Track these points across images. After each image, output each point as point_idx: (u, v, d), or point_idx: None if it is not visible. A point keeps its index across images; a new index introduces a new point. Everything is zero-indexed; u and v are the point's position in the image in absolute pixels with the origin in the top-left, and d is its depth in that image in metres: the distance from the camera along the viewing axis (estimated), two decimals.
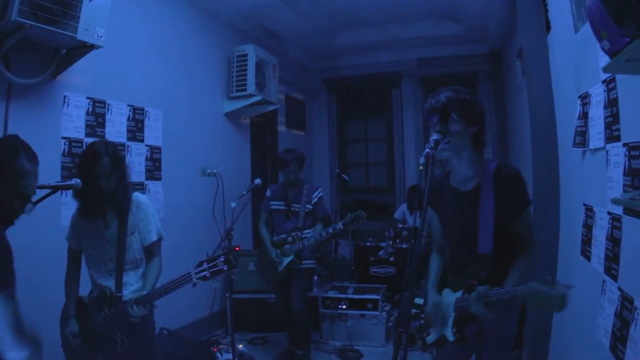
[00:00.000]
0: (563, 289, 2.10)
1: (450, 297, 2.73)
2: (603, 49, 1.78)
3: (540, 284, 2.17)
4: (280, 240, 5.22)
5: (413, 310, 2.92)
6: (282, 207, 5.30)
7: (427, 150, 2.27)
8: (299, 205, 5.24)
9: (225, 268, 3.00)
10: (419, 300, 2.98)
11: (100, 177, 3.07)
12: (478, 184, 2.65)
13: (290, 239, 5.15)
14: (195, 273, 3.03)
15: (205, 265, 3.03)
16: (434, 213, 2.93)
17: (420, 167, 2.20)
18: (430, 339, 2.82)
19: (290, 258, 5.10)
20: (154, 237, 3.35)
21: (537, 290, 2.17)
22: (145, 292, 3.12)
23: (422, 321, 2.87)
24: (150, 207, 3.40)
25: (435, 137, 2.41)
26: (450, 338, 2.67)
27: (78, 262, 3.35)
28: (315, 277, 6.33)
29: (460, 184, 2.74)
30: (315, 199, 5.27)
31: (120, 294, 3.16)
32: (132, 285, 3.24)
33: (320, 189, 5.40)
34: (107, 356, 3.13)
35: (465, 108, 2.58)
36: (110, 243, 3.20)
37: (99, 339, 3.11)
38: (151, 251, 3.36)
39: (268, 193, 5.45)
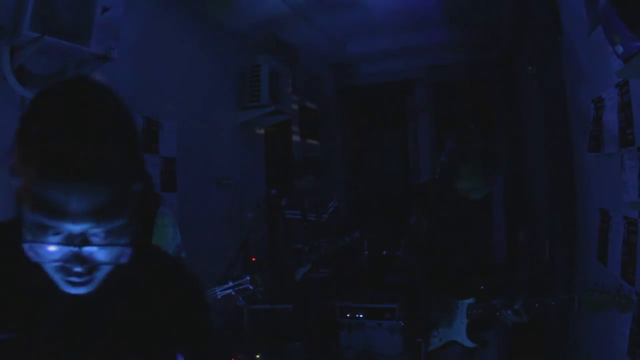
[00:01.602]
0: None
1: (455, 303, 2.71)
2: (616, 54, 1.78)
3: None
4: (296, 249, 5.22)
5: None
6: (298, 217, 5.30)
7: (442, 158, 2.27)
8: (314, 215, 5.24)
9: (251, 287, 3.00)
10: None
11: None
12: (489, 193, 2.66)
13: (307, 248, 5.14)
14: (220, 291, 3.05)
15: (230, 284, 3.04)
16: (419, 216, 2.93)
17: (436, 177, 2.21)
18: (438, 343, 2.78)
19: (307, 267, 5.09)
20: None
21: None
22: None
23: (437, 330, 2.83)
24: (176, 225, 3.42)
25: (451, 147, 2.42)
26: (470, 345, 2.65)
27: None
28: (333, 286, 6.32)
29: (468, 192, 2.72)
30: (332, 209, 5.26)
31: None
32: None
33: (335, 199, 5.40)
34: None
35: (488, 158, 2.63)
36: None
37: None
38: None
39: (283, 202, 5.45)
